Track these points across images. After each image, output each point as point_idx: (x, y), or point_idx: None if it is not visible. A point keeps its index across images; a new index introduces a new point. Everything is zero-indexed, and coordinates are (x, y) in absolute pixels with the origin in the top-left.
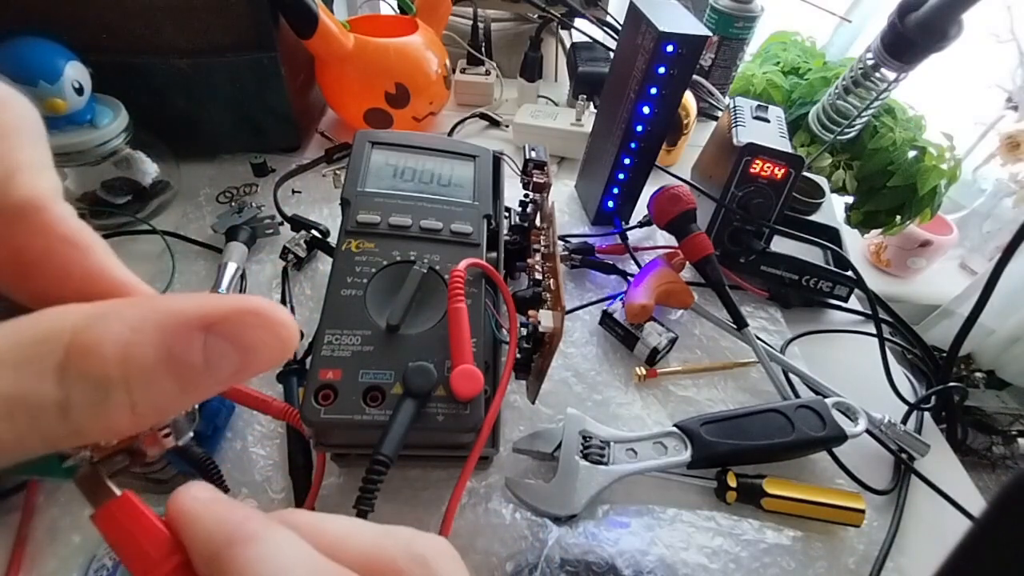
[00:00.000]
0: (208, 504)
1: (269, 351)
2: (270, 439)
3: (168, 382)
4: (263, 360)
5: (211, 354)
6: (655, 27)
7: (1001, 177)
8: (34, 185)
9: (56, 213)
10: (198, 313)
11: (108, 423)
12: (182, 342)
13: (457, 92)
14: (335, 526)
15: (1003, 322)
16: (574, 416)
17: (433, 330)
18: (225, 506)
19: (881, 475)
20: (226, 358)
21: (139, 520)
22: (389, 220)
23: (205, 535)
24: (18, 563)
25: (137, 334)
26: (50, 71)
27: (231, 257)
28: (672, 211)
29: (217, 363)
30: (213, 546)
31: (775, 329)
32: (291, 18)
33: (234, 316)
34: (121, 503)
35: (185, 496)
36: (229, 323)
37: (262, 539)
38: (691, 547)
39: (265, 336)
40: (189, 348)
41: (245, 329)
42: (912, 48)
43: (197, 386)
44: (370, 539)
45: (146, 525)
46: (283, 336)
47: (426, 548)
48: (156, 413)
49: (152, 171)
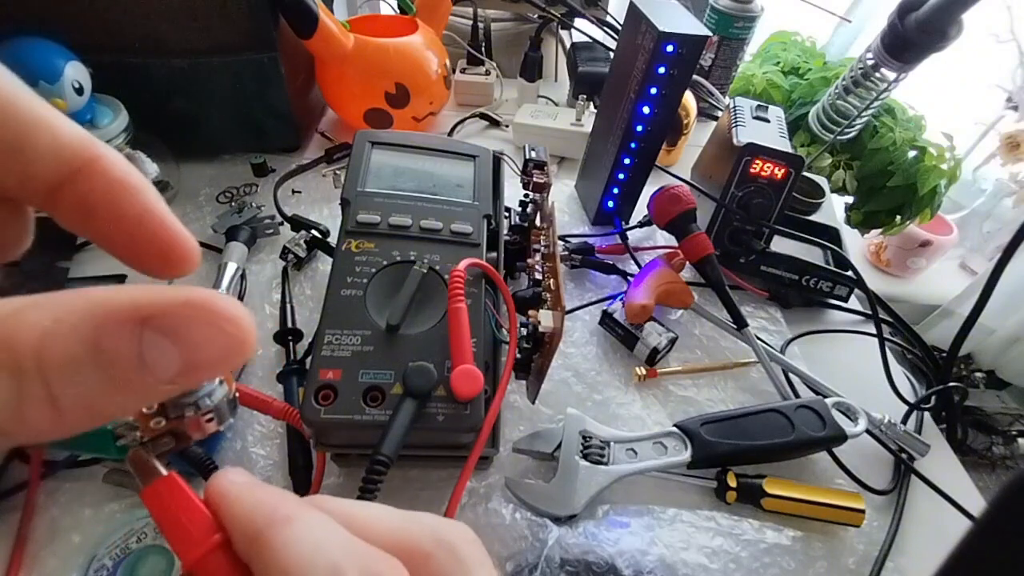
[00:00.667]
0: (246, 487)
1: (216, 349)
2: (270, 439)
3: (95, 378)
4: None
5: (148, 350)
6: (655, 27)
7: (1001, 177)
8: (84, 135)
9: (111, 159)
10: (133, 305)
11: (24, 419)
12: (111, 335)
13: (457, 92)
14: (364, 511)
15: (1003, 322)
16: (574, 416)
17: (433, 330)
18: (263, 489)
19: (881, 475)
20: (165, 356)
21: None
22: (389, 220)
23: (245, 516)
24: (18, 563)
25: (58, 324)
26: (50, 71)
27: (231, 257)
28: (672, 211)
29: (155, 360)
30: (253, 526)
31: (775, 329)
32: (291, 18)
33: (174, 310)
34: (167, 482)
35: (223, 479)
36: (168, 317)
37: (299, 519)
38: (691, 547)
39: (210, 332)
40: (119, 342)
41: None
42: (912, 48)
43: (132, 384)
44: (398, 523)
45: (189, 505)
46: (230, 332)
47: (451, 533)
48: (86, 411)
49: (152, 171)
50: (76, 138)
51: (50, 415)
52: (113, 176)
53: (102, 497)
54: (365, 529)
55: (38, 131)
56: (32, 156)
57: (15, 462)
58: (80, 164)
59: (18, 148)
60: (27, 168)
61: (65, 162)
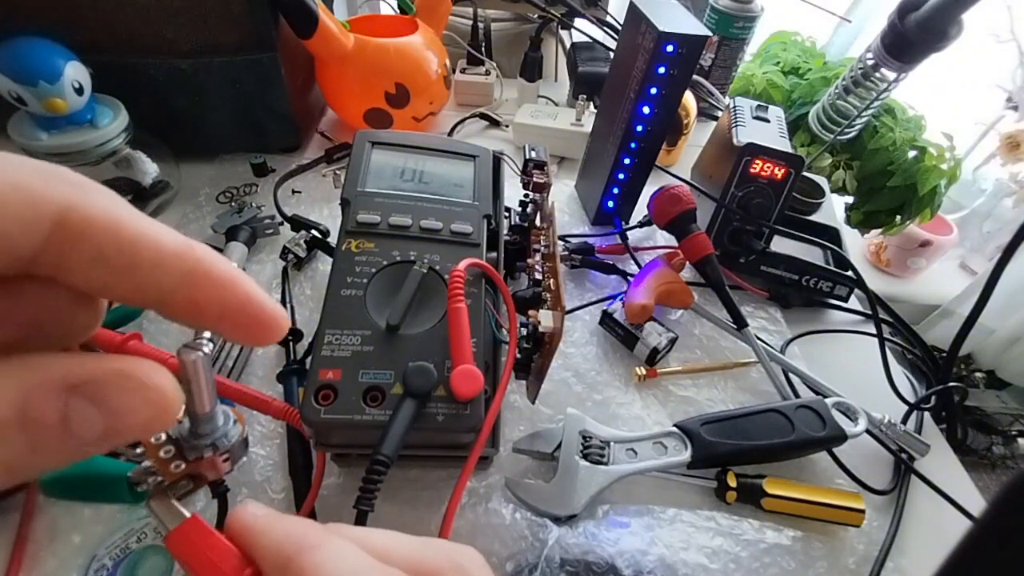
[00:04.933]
0: (271, 518)
1: (137, 416)
2: (270, 439)
3: (19, 440)
4: (131, 425)
5: (73, 415)
6: (655, 27)
7: (1001, 177)
8: (182, 243)
9: (210, 260)
10: (61, 372)
11: None
12: (37, 401)
13: (457, 92)
14: (380, 538)
15: (1003, 322)
16: (574, 416)
17: (433, 330)
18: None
19: (881, 475)
20: (88, 421)
21: (209, 539)
22: (389, 220)
23: (275, 546)
24: (18, 563)
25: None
26: (50, 71)
27: (231, 257)
28: (672, 211)
29: (79, 425)
30: (284, 555)
31: (775, 329)
32: (291, 18)
33: (102, 377)
34: (192, 524)
35: (245, 514)
36: (95, 385)
37: (326, 546)
38: (691, 547)
39: (132, 401)
40: (44, 407)
41: (111, 391)
42: (912, 48)
43: (51, 447)
44: (414, 548)
45: (215, 543)
46: (153, 400)
47: (463, 557)
48: (6, 470)
49: (152, 171)
50: (176, 248)
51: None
52: (216, 277)
53: None
54: (385, 554)
55: (142, 249)
56: (139, 273)
57: None
58: (183, 274)
59: (127, 270)
60: (138, 283)
61: (169, 273)
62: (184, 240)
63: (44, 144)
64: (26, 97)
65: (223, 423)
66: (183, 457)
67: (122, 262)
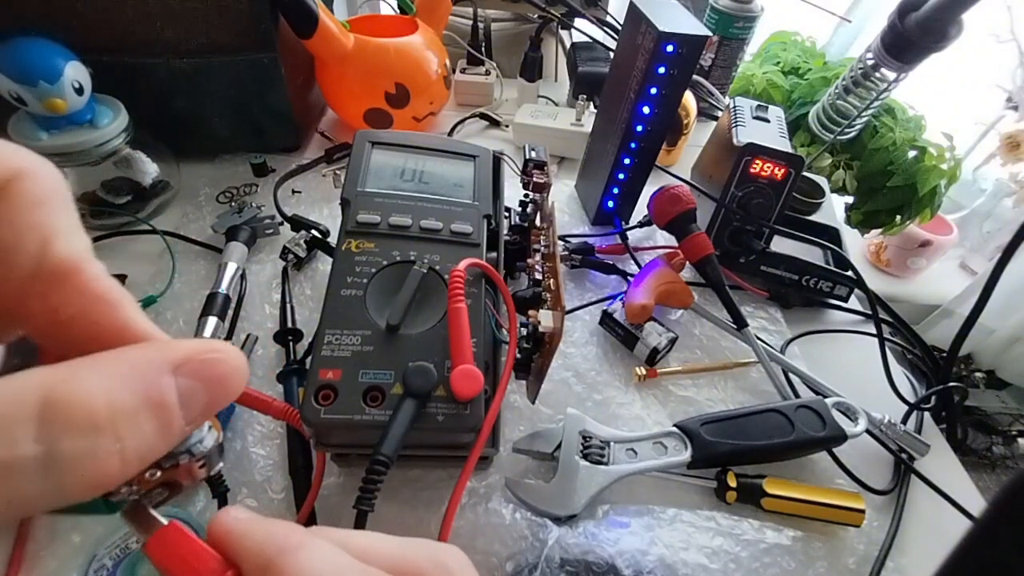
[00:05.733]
0: (253, 521)
1: (231, 383)
2: (270, 439)
3: (149, 425)
4: (230, 391)
5: (183, 393)
6: (655, 27)
7: (1001, 177)
8: (70, 248)
9: (91, 273)
10: (166, 357)
11: (96, 473)
12: (156, 385)
13: (457, 92)
14: (361, 539)
15: (1003, 322)
16: (574, 416)
17: (433, 330)
18: (269, 522)
19: (881, 475)
20: (196, 395)
21: (189, 544)
22: (389, 220)
23: (257, 548)
24: (18, 563)
25: (116, 381)
26: (50, 71)
27: (231, 257)
28: (672, 211)
29: (188, 401)
30: (265, 557)
31: (775, 329)
32: (291, 18)
33: (197, 355)
34: (170, 531)
35: (226, 518)
36: (194, 362)
37: (308, 547)
38: (691, 547)
39: (224, 369)
40: (163, 389)
41: (207, 366)
42: (912, 48)
43: (172, 426)
44: (395, 547)
45: (196, 548)
46: (238, 366)
47: (446, 555)
48: (139, 458)
49: (152, 171)
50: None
51: (117, 466)
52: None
53: None
54: (365, 555)
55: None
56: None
57: None
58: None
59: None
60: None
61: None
62: (78, 248)
63: (44, 144)
64: (26, 97)
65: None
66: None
67: (111, 337)
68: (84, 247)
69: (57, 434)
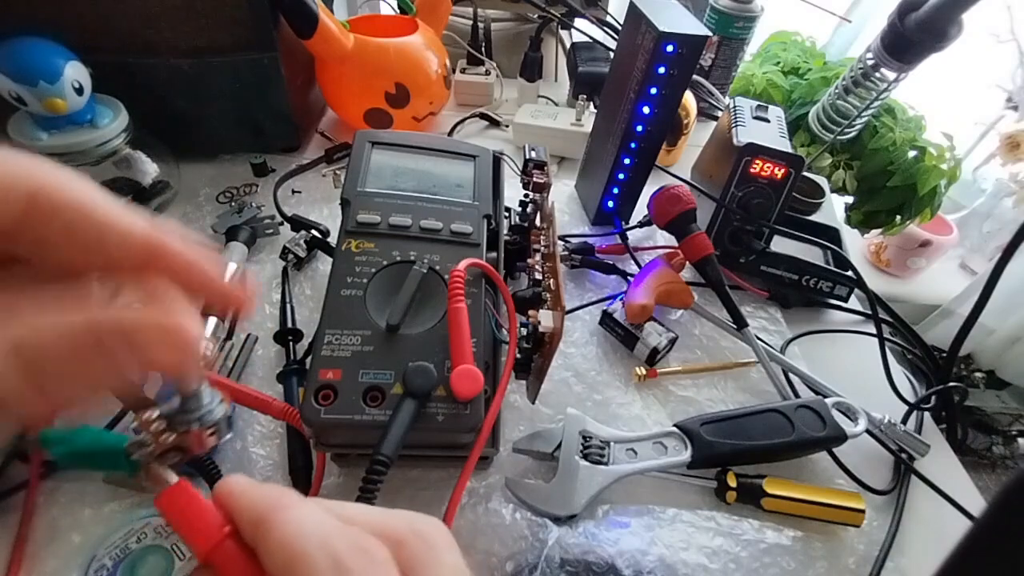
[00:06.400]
0: (251, 485)
1: (164, 356)
2: (270, 439)
3: (99, 363)
4: (160, 363)
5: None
6: (655, 27)
7: (1001, 177)
8: (147, 230)
9: (172, 245)
10: (118, 317)
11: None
12: (108, 336)
13: (457, 92)
14: (349, 507)
15: (1003, 322)
16: (574, 416)
17: (433, 330)
18: (265, 486)
19: (881, 475)
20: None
21: (194, 500)
22: (389, 220)
23: (251, 505)
24: (18, 563)
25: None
26: (50, 71)
27: (231, 257)
28: (672, 211)
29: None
30: (258, 512)
31: (775, 329)
32: (291, 18)
33: (140, 326)
34: (179, 488)
35: (229, 481)
36: (135, 333)
37: (297, 506)
38: (691, 547)
39: (159, 346)
40: (114, 342)
41: (142, 337)
42: (912, 48)
43: (112, 373)
44: (379, 515)
45: (200, 504)
46: (176, 344)
47: (425, 525)
48: (86, 385)
49: (152, 171)
50: (142, 230)
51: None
52: (174, 260)
53: (102, 497)
54: (352, 519)
55: (109, 228)
56: (108, 249)
57: (15, 462)
58: (147, 254)
59: (96, 246)
60: (108, 258)
61: (135, 251)
62: (151, 225)
63: (44, 144)
64: (26, 97)
65: (209, 401)
66: (172, 429)
67: (90, 238)
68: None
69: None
